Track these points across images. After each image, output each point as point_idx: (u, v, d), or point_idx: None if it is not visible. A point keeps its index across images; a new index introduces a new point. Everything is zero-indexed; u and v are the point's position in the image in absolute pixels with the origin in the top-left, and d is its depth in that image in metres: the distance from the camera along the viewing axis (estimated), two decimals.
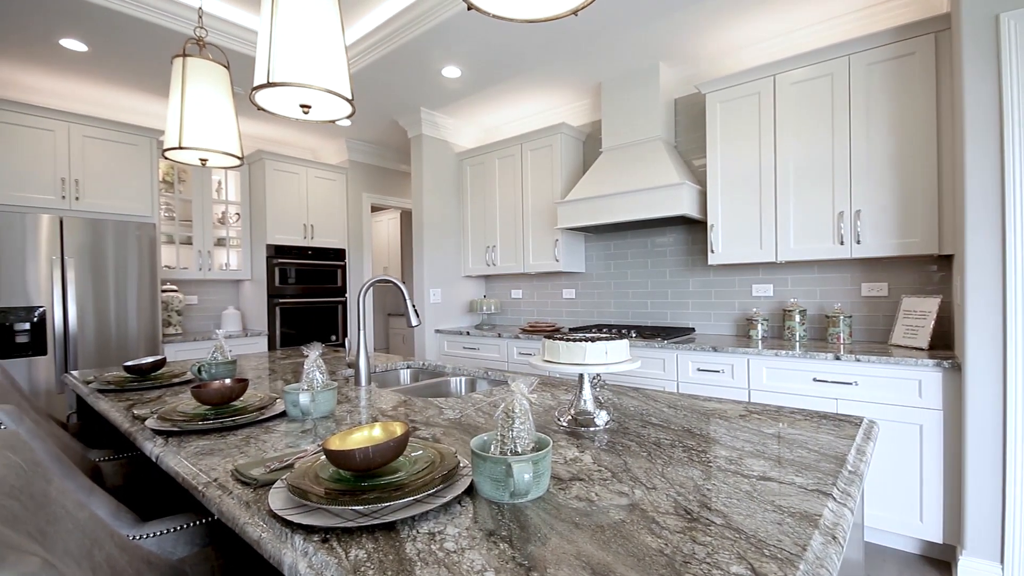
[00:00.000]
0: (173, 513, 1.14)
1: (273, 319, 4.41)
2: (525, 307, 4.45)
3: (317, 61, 1.41)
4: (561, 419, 1.26)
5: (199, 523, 1.13)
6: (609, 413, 1.27)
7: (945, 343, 2.51)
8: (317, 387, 1.37)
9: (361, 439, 0.91)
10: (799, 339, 2.82)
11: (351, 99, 1.51)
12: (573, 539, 0.68)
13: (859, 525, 1.11)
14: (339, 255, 4.93)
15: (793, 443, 1.06)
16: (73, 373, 2.19)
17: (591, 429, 1.20)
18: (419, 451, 0.94)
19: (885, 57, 2.44)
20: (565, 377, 1.93)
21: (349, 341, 2.13)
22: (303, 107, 1.54)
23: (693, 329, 3.40)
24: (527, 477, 0.77)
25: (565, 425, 1.23)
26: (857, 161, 2.52)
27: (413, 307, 1.86)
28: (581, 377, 1.26)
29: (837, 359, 2.32)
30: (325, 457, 0.91)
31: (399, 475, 0.84)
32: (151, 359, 1.98)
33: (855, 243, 2.52)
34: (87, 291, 3.36)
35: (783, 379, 2.48)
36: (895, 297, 2.70)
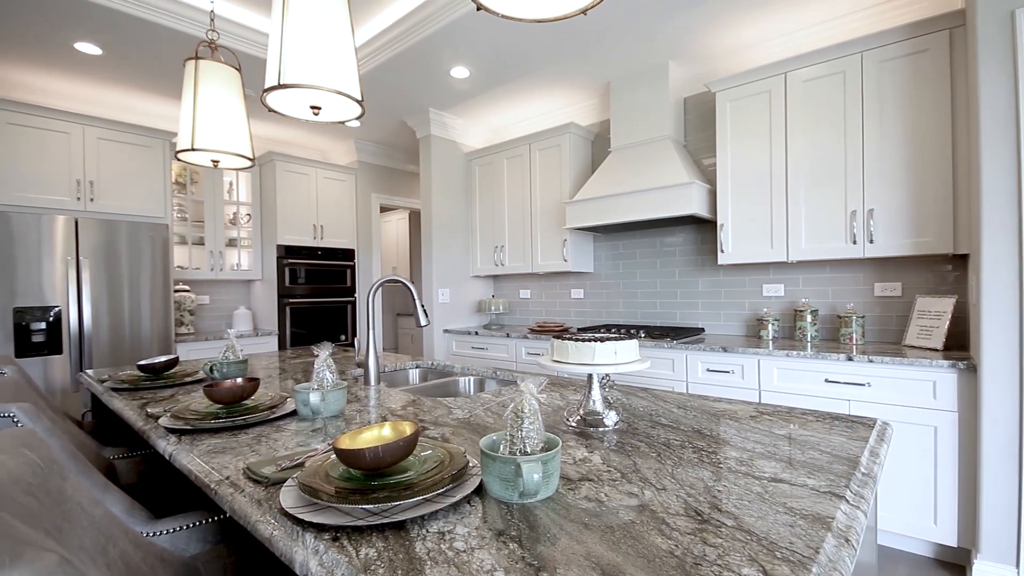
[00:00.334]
0: (186, 510, 1.15)
1: (283, 319, 4.44)
2: (533, 307, 4.44)
3: (327, 63, 1.42)
4: (570, 419, 1.26)
5: (211, 520, 1.14)
6: (618, 413, 1.27)
7: (960, 344, 2.47)
8: (327, 386, 1.38)
9: (371, 438, 0.91)
10: (810, 339, 2.79)
11: (360, 100, 1.52)
12: (583, 539, 0.68)
13: (872, 528, 1.10)
14: (348, 255, 4.96)
15: (805, 445, 1.05)
16: (88, 372, 2.23)
17: (600, 429, 1.20)
18: (428, 450, 0.95)
19: (898, 54, 2.41)
20: (574, 377, 1.93)
21: (358, 341, 2.14)
22: (313, 108, 1.55)
23: (703, 329, 3.38)
24: (536, 477, 0.77)
25: (574, 425, 1.23)
26: (870, 159, 2.49)
27: (422, 307, 1.87)
28: (590, 377, 1.26)
29: (849, 360, 2.29)
30: (335, 456, 0.92)
31: (409, 474, 0.85)
32: (164, 358, 2.00)
33: (868, 242, 2.49)
34: (101, 291, 3.41)
35: (794, 380, 2.46)
36: (909, 297, 2.67)
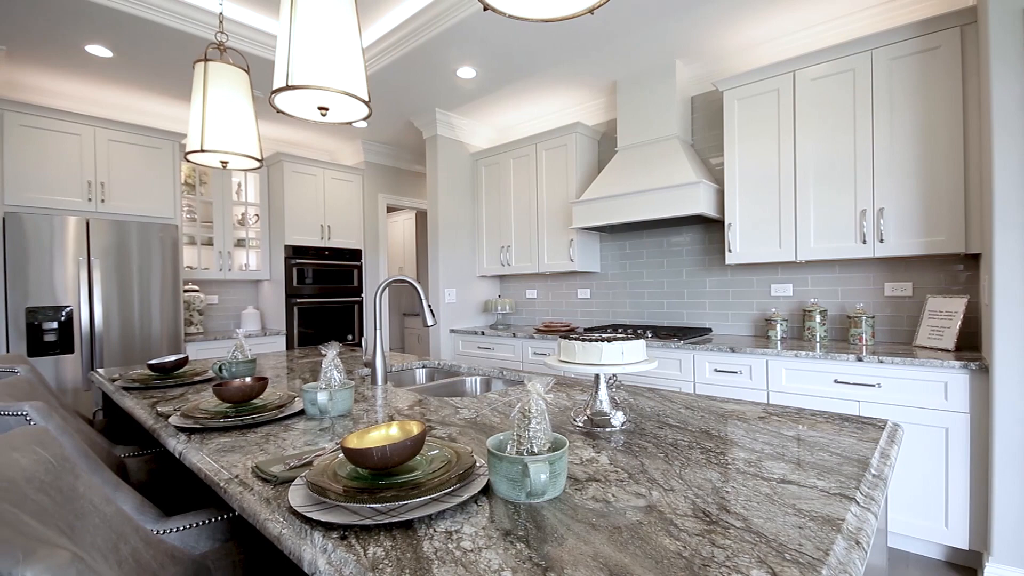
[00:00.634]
0: (195, 509, 1.16)
1: (291, 319, 4.47)
2: (540, 307, 4.44)
3: (335, 64, 1.43)
4: (577, 419, 1.25)
5: (221, 518, 1.15)
6: (625, 414, 1.26)
7: (972, 344, 2.44)
8: (335, 386, 1.38)
9: (378, 438, 0.91)
10: (819, 340, 2.77)
11: (368, 101, 1.52)
12: (590, 540, 0.68)
13: (883, 530, 1.09)
14: (355, 255, 4.98)
15: (814, 446, 1.04)
16: (99, 371, 2.25)
17: (607, 430, 1.19)
18: (435, 450, 0.95)
19: (909, 52, 2.38)
20: (580, 377, 1.92)
21: (365, 340, 2.14)
22: (321, 109, 1.56)
23: (710, 329, 3.36)
24: (543, 477, 0.77)
25: (581, 425, 1.23)
26: (880, 158, 2.46)
27: (429, 307, 1.88)
28: (597, 377, 1.25)
29: (859, 360, 2.27)
30: (343, 455, 0.92)
31: (416, 474, 0.85)
32: (174, 357, 2.02)
33: (878, 242, 2.47)
34: (112, 291, 3.44)
35: (803, 380, 2.44)
36: (920, 297, 2.64)
